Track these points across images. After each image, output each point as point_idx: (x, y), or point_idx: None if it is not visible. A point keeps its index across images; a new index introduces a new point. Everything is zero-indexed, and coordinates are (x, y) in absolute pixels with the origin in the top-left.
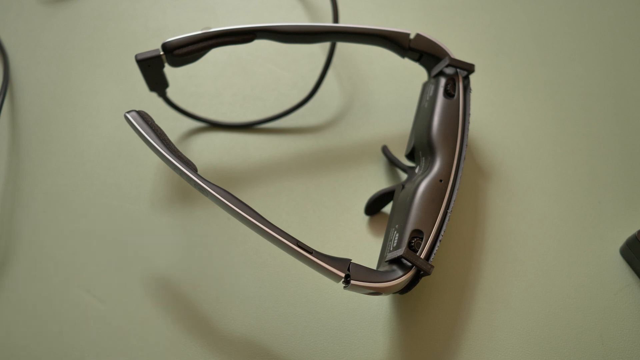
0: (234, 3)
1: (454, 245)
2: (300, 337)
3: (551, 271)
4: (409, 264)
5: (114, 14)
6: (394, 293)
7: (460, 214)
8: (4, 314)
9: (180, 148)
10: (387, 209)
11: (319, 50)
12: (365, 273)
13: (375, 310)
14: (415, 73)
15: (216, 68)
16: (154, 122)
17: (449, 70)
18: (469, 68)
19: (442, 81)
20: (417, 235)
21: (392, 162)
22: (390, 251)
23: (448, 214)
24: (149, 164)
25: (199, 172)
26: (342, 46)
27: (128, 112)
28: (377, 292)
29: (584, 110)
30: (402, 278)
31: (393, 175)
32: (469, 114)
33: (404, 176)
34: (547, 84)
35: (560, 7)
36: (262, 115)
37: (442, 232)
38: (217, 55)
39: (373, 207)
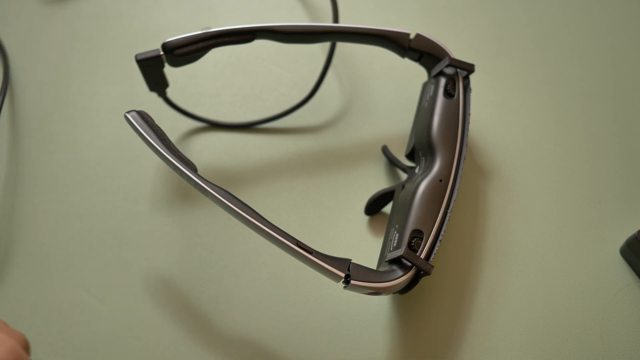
0: (234, 3)
1: (454, 245)
2: (300, 337)
3: (551, 271)
4: (409, 264)
5: (114, 14)
6: (394, 293)
7: (460, 214)
8: (4, 313)
9: (180, 148)
10: (387, 209)
11: (319, 50)
12: (365, 273)
13: (375, 310)
14: (415, 73)
15: (216, 68)
16: (154, 122)
17: (449, 70)
18: (469, 68)
19: (442, 81)
20: (417, 235)
21: (392, 162)
22: (390, 251)
23: (448, 214)
24: (149, 164)
25: (199, 172)
26: (342, 46)
27: (128, 112)
28: (377, 292)
29: (584, 110)
30: (402, 278)
31: (393, 175)
32: (469, 114)
33: (404, 176)
34: (547, 84)
35: (560, 7)
36: (262, 115)
37: (442, 232)
38: (217, 55)
39: (373, 207)
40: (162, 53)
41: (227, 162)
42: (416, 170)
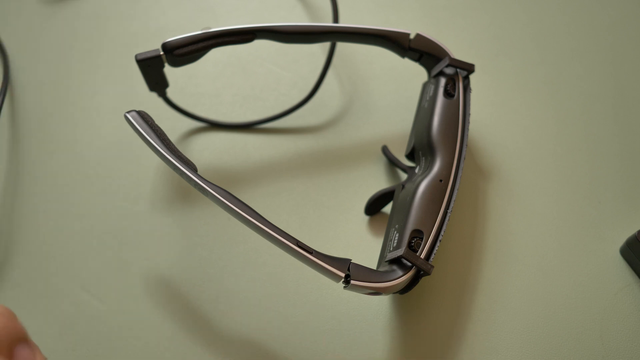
0: (234, 3)
1: (454, 245)
2: (300, 337)
3: (551, 271)
4: (409, 264)
5: (114, 14)
6: (394, 293)
7: (460, 214)
8: None
9: (180, 148)
10: (387, 209)
11: (319, 50)
12: (365, 273)
13: (375, 310)
14: (415, 73)
15: (216, 68)
16: (154, 122)
17: (449, 70)
18: (469, 68)
19: (442, 81)
20: (417, 235)
21: (392, 162)
22: (390, 251)
23: (448, 214)
24: (149, 164)
25: (199, 172)
26: (342, 46)
27: (128, 112)
28: (377, 292)
29: (584, 110)
30: (402, 278)
31: (393, 175)
32: (469, 114)
33: (404, 176)
34: (547, 84)
35: (560, 7)
36: (262, 115)
37: (442, 232)
38: (217, 55)
39: (373, 207)
40: (162, 53)
41: (227, 162)
42: (416, 170)
